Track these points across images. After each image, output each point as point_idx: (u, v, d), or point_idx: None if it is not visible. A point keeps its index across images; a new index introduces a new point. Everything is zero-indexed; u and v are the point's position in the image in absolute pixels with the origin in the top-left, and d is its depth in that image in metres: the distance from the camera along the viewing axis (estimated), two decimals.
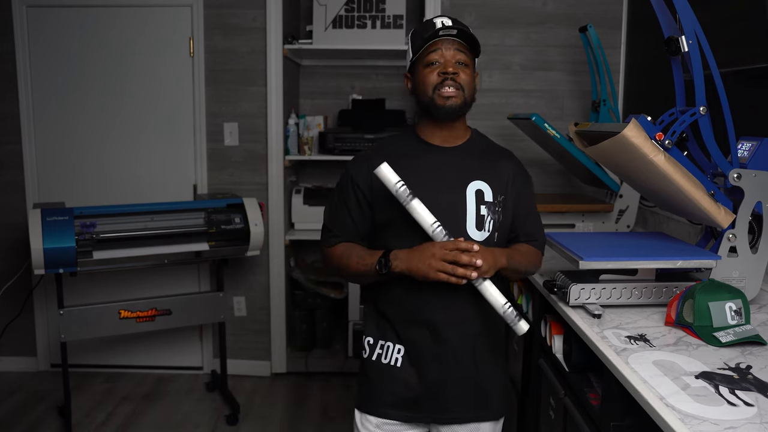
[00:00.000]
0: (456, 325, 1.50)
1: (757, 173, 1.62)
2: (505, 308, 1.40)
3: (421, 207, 1.40)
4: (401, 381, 1.52)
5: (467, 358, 1.52)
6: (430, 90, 1.47)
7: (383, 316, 1.55)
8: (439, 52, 1.47)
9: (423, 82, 1.49)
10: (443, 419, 1.55)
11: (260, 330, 3.50)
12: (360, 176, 1.53)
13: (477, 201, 1.49)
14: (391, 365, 1.53)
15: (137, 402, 3.20)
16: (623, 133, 1.54)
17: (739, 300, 1.44)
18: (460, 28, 1.48)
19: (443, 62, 1.47)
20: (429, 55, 1.48)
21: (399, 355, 1.52)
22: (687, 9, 1.62)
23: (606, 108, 2.82)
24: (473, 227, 1.48)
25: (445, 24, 1.48)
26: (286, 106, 3.39)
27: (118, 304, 2.93)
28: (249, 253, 3.02)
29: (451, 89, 1.46)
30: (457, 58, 1.47)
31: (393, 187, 1.40)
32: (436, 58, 1.47)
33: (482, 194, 1.49)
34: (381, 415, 1.55)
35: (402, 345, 1.52)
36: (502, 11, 3.25)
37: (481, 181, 1.50)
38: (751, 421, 1.03)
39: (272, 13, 3.26)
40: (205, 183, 3.41)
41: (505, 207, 1.52)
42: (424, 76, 1.48)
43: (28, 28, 3.33)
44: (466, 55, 1.49)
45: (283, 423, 3.01)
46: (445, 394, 1.52)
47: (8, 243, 3.40)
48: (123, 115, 3.40)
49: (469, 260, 1.36)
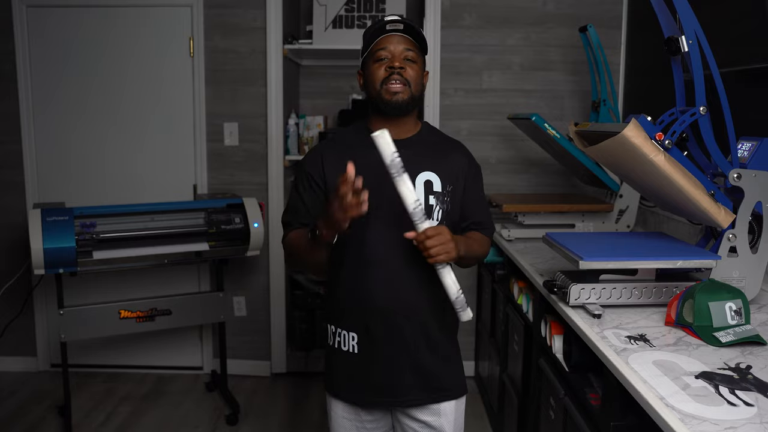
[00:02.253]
0: (406, 311, 1.53)
1: (757, 173, 1.62)
2: (458, 294, 1.45)
3: (409, 182, 1.40)
4: (359, 367, 1.57)
5: (419, 342, 1.56)
6: (378, 84, 1.53)
7: (339, 304, 1.61)
8: (387, 49, 1.53)
9: (371, 77, 1.54)
10: (401, 402, 1.59)
11: (260, 330, 3.51)
12: (314, 168, 1.59)
13: (426, 191, 1.54)
14: (349, 352, 1.58)
15: (137, 402, 3.20)
16: (623, 133, 1.54)
17: (739, 300, 1.44)
18: (408, 23, 1.53)
19: (391, 57, 1.53)
20: (378, 52, 1.53)
21: (354, 342, 1.58)
22: (687, 9, 1.62)
23: (606, 108, 2.82)
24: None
25: (394, 20, 1.53)
26: (286, 106, 3.39)
27: (118, 304, 2.93)
28: (249, 253, 3.02)
29: (398, 84, 1.51)
30: (404, 54, 1.53)
31: (390, 156, 1.37)
32: (384, 54, 1.53)
33: (431, 185, 1.55)
34: (345, 400, 1.62)
35: (356, 332, 1.57)
36: (502, 11, 3.25)
37: (429, 172, 1.55)
38: (751, 421, 1.03)
39: (272, 13, 3.26)
40: (205, 183, 3.41)
41: (454, 197, 1.57)
42: (373, 70, 1.54)
43: (28, 28, 3.33)
44: (415, 52, 1.55)
45: (283, 423, 3.01)
46: (401, 378, 1.56)
47: (8, 243, 3.40)
48: (123, 115, 3.40)
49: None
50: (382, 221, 1.51)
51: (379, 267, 1.52)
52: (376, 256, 1.52)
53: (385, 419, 1.65)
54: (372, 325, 1.54)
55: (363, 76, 1.59)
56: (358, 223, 1.51)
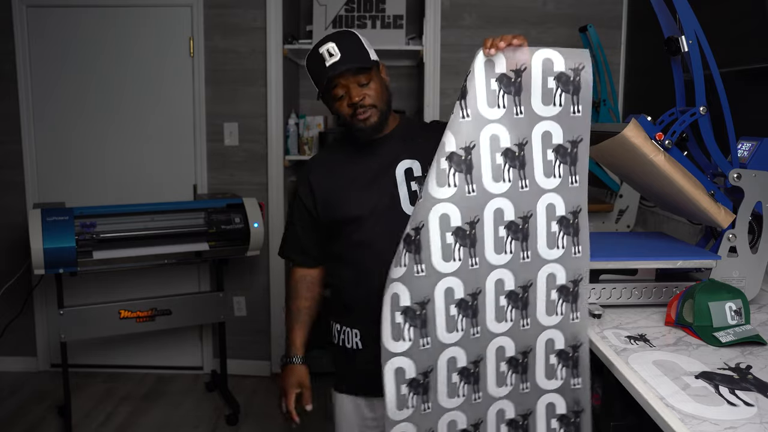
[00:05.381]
0: None
1: (757, 173, 1.62)
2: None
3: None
4: (364, 362, 1.58)
5: None
6: (348, 118, 1.56)
7: (341, 302, 1.65)
8: (340, 86, 1.52)
9: (338, 113, 1.57)
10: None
11: (260, 330, 3.50)
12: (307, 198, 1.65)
13: (407, 179, 1.57)
14: (354, 349, 1.63)
15: (137, 402, 3.20)
16: (623, 133, 1.54)
17: (739, 300, 1.44)
18: (346, 61, 1.49)
19: (346, 92, 1.53)
20: (333, 90, 1.54)
21: (357, 339, 1.62)
22: (687, 9, 1.62)
23: (606, 108, 2.81)
24: (407, 204, 1.56)
25: (333, 55, 1.50)
26: (286, 106, 3.39)
27: (118, 304, 2.93)
28: (249, 253, 3.02)
29: (365, 113, 1.53)
30: (358, 82, 1.52)
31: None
32: (340, 92, 1.53)
33: (411, 171, 1.57)
34: (349, 392, 1.68)
35: (358, 329, 1.61)
36: (503, 11, 3.24)
37: (408, 160, 1.58)
38: (751, 421, 1.03)
39: (272, 13, 3.26)
40: (205, 183, 3.41)
41: None
42: (337, 108, 1.56)
43: (28, 28, 3.33)
44: (365, 74, 1.53)
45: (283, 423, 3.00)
46: None
47: (8, 243, 3.40)
48: (123, 115, 3.40)
49: None
50: (382, 221, 1.55)
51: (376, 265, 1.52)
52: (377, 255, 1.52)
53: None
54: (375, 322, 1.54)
55: (328, 107, 1.61)
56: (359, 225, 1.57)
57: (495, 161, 1.31)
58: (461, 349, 1.35)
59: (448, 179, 1.29)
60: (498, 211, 1.32)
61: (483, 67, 1.31)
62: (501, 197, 1.32)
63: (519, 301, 1.36)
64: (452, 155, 1.30)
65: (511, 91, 1.30)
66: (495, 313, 1.35)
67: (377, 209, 1.56)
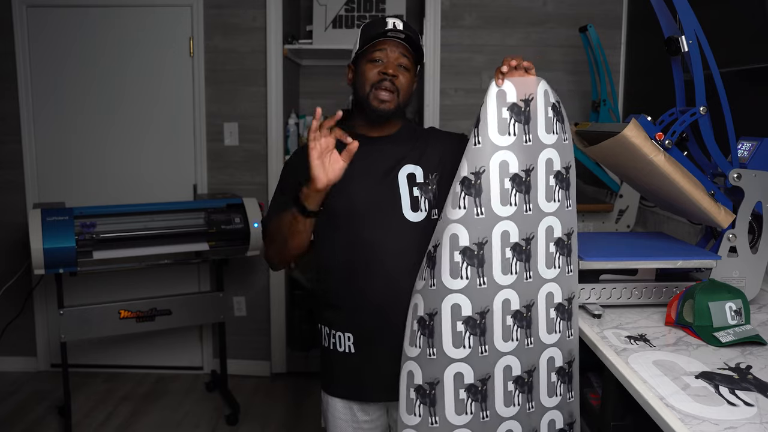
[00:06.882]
0: (401, 308, 1.51)
1: (757, 173, 1.62)
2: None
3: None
4: (356, 366, 1.58)
5: None
6: (368, 86, 1.53)
7: (332, 304, 1.61)
8: (384, 52, 1.53)
9: (363, 77, 1.54)
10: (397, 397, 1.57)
11: (260, 330, 3.50)
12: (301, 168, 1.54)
13: (409, 184, 1.55)
14: (346, 353, 1.59)
15: (137, 402, 3.20)
16: (623, 133, 1.54)
17: (739, 300, 1.44)
18: (408, 33, 1.52)
19: (386, 62, 1.53)
20: (374, 53, 1.53)
21: (350, 342, 1.58)
22: (687, 9, 1.62)
23: (606, 108, 2.81)
24: (408, 209, 1.54)
25: (397, 26, 1.52)
26: (286, 106, 3.39)
27: (118, 304, 2.93)
28: (249, 253, 3.02)
29: (387, 94, 1.52)
30: (399, 61, 1.53)
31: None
32: (380, 56, 1.53)
33: (414, 177, 1.56)
34: (342, 397, 1.62)
35: (351, 333, 1.58)
36: (503, 11, 3.25)
37: (411, 165, 1.56)
38: (751, 421, 1.03)
39: (272, 13, 3.26)
40: (205, 183, 3.41)
41: (442, 181, 1.56)
42: (366, 71, 1.54)
43: (28, 28, 3.33)
44: (409, 60, 1.55)
45: (283, 423, 3.01)
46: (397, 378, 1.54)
47: (8, 243, 3.40)
48: (123, 115, 3.40)
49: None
50: (373, 223, 1.53)
51: (372, 267, 1.52)
52: (368, 256, 1.52)
53: (381, 419, 1.65)
54: (367, 325, 1.55)
55: (354, 72, 1.59)
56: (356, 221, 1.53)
57: (503, 186, 1.35)
58: (468, 365, 1.37)
59: (459, 202, 1.35)
60: (505, 233, 1.36)
61: (495, 97, 1.36)
62: (507, 220, 1.36)
63: (524, 321, 1.39)
64: (464, 180, 1.35)
65: (522, 119, 1.36)
66: (502, 333, 1.38)
67: (378, 209, 1.54)
